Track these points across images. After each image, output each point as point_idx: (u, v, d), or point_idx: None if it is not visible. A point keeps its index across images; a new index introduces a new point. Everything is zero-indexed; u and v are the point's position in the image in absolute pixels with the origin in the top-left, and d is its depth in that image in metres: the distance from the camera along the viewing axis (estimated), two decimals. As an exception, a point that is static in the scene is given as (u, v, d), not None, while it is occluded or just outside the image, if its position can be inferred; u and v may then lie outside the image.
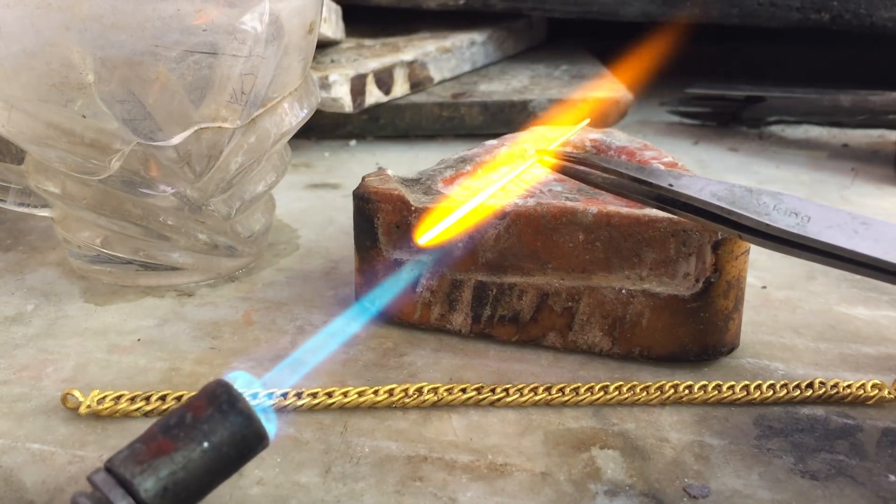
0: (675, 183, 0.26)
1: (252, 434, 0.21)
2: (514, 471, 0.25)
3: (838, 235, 0.25)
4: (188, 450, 0.20)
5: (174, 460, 0.20)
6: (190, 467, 0.20)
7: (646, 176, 0.27)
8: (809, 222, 0.25)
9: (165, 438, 0.20)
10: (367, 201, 0.33)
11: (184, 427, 0.21)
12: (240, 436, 0.21)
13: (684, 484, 0.25)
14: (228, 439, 0.21)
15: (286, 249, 0.42)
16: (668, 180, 0.26)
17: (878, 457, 0.26)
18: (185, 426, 0.21)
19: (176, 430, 0.21)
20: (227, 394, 0.21)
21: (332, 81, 0.58)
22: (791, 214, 0.25)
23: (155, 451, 0.20)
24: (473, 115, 0.64)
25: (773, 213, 0.25)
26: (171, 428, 0.21)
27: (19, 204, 0.37)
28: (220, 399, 0.21)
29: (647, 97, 0.74)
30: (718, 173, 0.57)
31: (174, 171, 0.34)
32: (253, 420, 0.21)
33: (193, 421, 0.21)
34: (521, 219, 0.31)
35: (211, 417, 0.21)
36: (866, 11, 0.66)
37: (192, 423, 0.21)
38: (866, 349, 0.33)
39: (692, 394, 0.29)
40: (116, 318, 0.35)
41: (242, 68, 0.32)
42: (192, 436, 0.20)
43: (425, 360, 0.31)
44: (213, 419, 0.21)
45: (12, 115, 0.32)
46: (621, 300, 0.30)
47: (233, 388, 0.21)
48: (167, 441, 0.20)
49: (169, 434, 0.20)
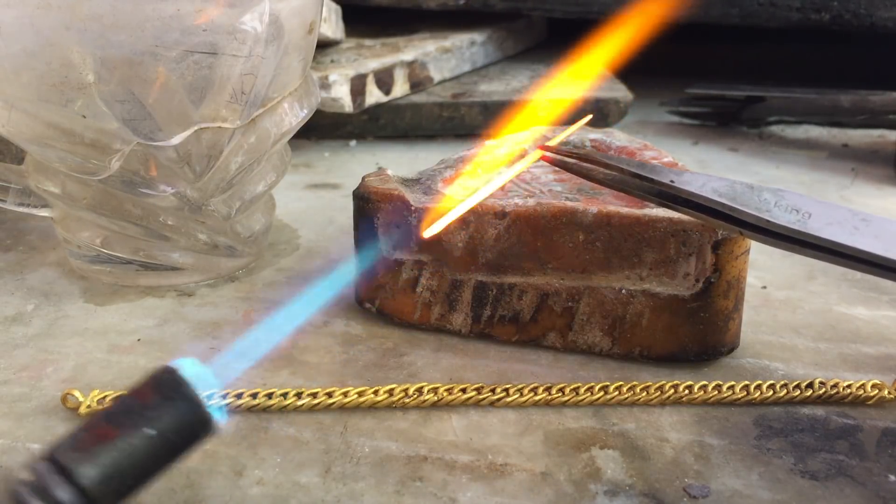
0: (677, 179, 0.26)
1: (198, 421, 0.21)
2: (514, 471, 0.25)
3: (839, 232, 0.25)
4: (131, 436, 0.20)
5: (117, 447, 0.20)
6: (133, 454, 0.20)
7: (647, 172, 0.27)
8: (810, 219, 0.25)
9: (109, 425, 0.20)
10: (367, 201, 0.33)
11: (128, 414, 0.20)
12: (186, 423, 0.20)
13: (684, 484, 0.25)
14: (174, 426, 0.20)
15: (286, 249, 0.42)
16: (669, 177, 0.26)
17: (878, 457, 0.26)
18: (129, 413, 0.20)
19: (120, 417, 0.20)
20: (172, 380, 0.21)
21: (332, 81, 0.58)
22: (792, 211, 0.25)
23: (97, 437, 0.20)
24: (473, 115, 0.64)
25: (774, 209, 0.25)
26: (116, 415, 0.20)
27: (19, 204, 0.37)
28: (165, 386, 0.21)
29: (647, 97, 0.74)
30: (718, 173, 0.56)
31: (174, 171, 0.34)
32: (199, 407, 0.21)
33: (138, 408, 0.20)
34: (521, 219, 0.31)
35: (156, 404, 0.20)
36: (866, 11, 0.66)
37: (136, 410, 0.20)
38: (866, 349, 0.33)
39: (692, 394, 0.29)
40: (116, 318, 0.35)
41: (242, 68, 0.32)
42: (136, 422, 0.20)
43: (425, 360, 0.31)
44: (158, 406, 0.20)
45: (12, 115, 0.32)
46: (621, 300, 0.30)
47: (179, 374, 0.21)
48: (110, 428, 0.20)
49: (113, 421, 0.20)
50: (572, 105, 0.58)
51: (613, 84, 0.68)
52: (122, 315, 0.35)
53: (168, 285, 0.37)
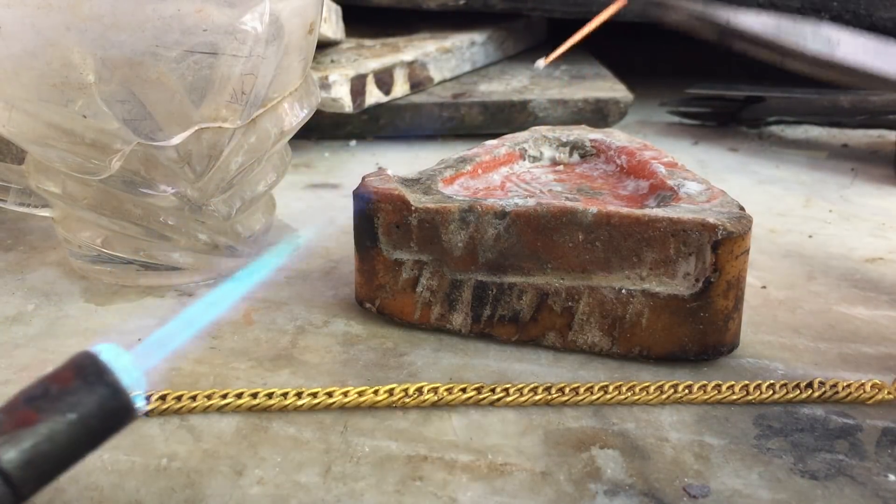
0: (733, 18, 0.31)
1: (120, 407, 0.20)
2: (514, 470, 0.25)
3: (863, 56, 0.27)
4: (53, 421, 0.20)
5: (38, 432, 0.19)
6: (55, 439, 0.20)
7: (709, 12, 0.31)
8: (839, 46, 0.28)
9: (29, 409, 0.20)
10: (367, 201, 0.33)
11: (49, 398, 0.20)
12: (107, 408, 0.20)
13: (684, 483, 0.25)
14: (96, 412, 0.20)
15: (286, 249, 0.42)
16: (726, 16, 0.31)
17: (878, 457, 0.26)
18: (49, 397, 0.20)
19: (40, 402, 0.20)
20: (93, 365, 0.21)
21: (332, 81, 0.58)
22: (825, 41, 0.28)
23: (18, 421, 0.20)
24: (473, 115, 0.64)
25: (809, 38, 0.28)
26: (36, 399, 0.20)
27: (20, 204, 0.37)
28: (86, 371, 0.20)
29: (647, 97, 0.74)
30: (718, 173, 0.57)
31: (174, 171, 0.34)
32: (121, 393, 0.20)
33: (59, 392, 0.20)
34: (521, 219, 0.31)
35: (78, 389, 0.20)
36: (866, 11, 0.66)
37: (57, 395, 0.20)
38: (866, 349, 0.33)
39: (692, 394, 0.29)
40: (117, 318, 0.35)
41: (242, 68, 0.32)
42: (58, 407, 0.20)
43: (425, 360, 0.31)
44: (79, 391, 0.20)
45: (13, 115, 0.32)
46: (621, 300, 0.31)
47: (100, 360, 0.21)
48: (31, 412, 0.20)
49: (33, 405, 0.20)
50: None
51: (613, 84, 0.68)
52: (122, 315, 0.35)
53: (168, 285, 0.38)
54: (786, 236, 0.45)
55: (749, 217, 0.30)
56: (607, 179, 0.37)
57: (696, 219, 0.29)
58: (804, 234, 0.45)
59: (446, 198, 0.32)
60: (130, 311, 0.35)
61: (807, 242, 0.44)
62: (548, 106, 0.64)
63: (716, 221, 0.29)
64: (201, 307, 0.31)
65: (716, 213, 0.30)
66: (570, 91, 0.66)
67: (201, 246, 0.37)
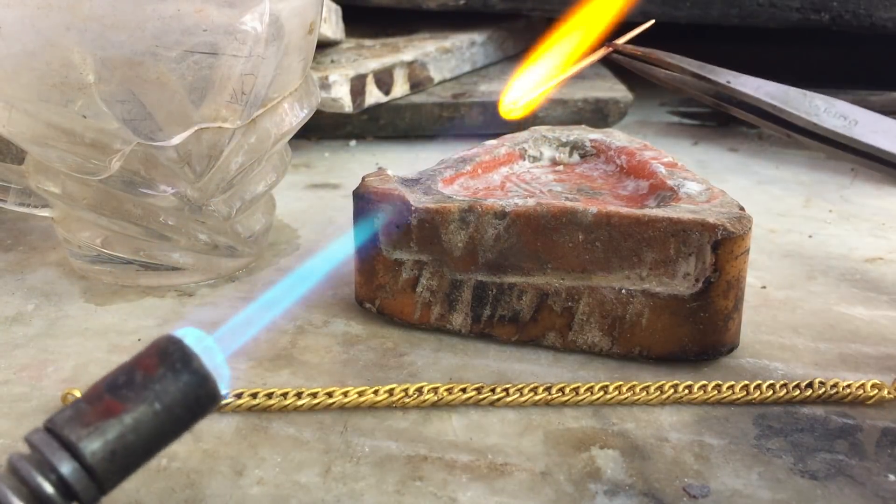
0: (734, 81, 0.28)
1: (206, 394, 0.20)
2: (514, 470, 0.25)
3: (883, 139, 0.26)
4: (138, 412, 0.19)
5: (124, 423, 0.19)
6: (140, 430, 0.19)
7: (706, 73, 0.29)
8: (857, 125, 0.26)
9: (114, 399, 0.19)
10: (367, 201, 0.33)
11: (134, 387, 0.19)
12: (193, 396, 0.19)
13: (684, 484, 0.25)
14: (181, 400, 0.19)
15: (286, 249, 0.42)
16: (726, 77, 0.28)
17: (878, 457, 0.26)
18: (135, 386, 0.19)
19: (125, 391, 0.19)
20: (180, 352, 0.20)
21: (332, 81, 0.58)
22: (840, 117, 0.27)
23: (102, 412, 0.19)
24: (473, 115, 0.64)
25: (822, 114, 0.27)
26: (120, 387, 0.19)
27: (19, 204, 0.37)
28: (172, 357, 0.19)
29: (647, 97, 0.74)
30: (718, 173, 0.57)
31: (174, 172, 0.34)
32: (208, 380, 0.20)
33: (144, 380, 0.19)
34: (521, 219, 0.31)
35: (163, 377, 0.19)
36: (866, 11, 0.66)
37: (142, 383, 0.19)
38: (866, 349, 0.33)
39: (692, 394, 0.29)
40: (117, 318, 0.35)
41: (242, 68, 0.32)
42: (144, 397, 0.19)
43: (425, 360, 0.31)
44: (165, 379, 0.19)
45: (12, 115, 0.32)
46: (621, 300, 0.30)
47: (186, 346, 0.20)
48: (115, 402, 0.19)
49: (117, 394, 0.19)
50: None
51: (613, 84, 0.68)
52: (122, 315, 0.35)
53: (168, 285, 0.38)
54: (786, 236, 0.45)
55: (749, 217, 0.30)
56: (607, 179, 0.37)
57: (696, 219, 0.29)
58: (804, 234, 0.45)
59: (446, 198, 0.32)
60: (130, 311, 0.35)
61: (807, 242, 0.44)
62: (547, 106, 0.64)
63: (716, 221, 0.29)
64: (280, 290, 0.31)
65: (716, 213, 0.30)
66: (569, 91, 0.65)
67: (201, 246, 0.37)
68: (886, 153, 0.26)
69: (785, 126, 0.27)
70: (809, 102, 0.27)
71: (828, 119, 0.27)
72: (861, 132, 0.26)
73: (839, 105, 0.27)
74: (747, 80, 0.28)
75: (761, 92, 0.27)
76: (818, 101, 0.27)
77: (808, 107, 0.27)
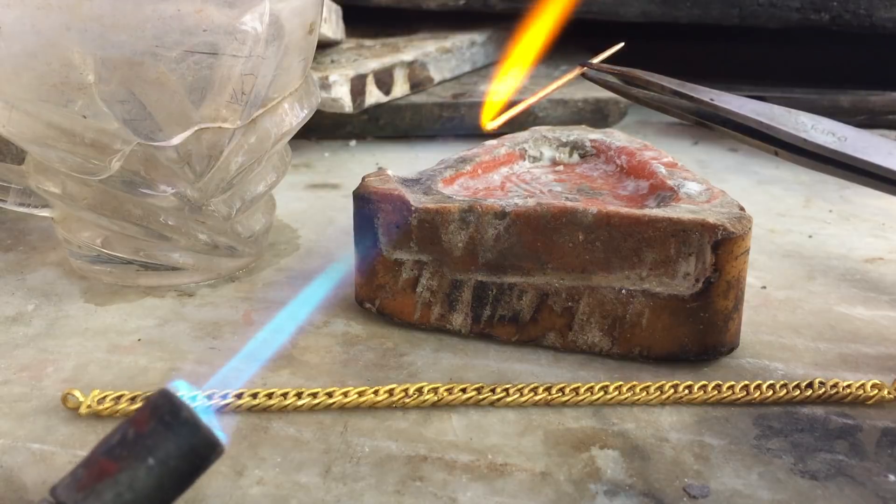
0: (717, 98, 0.27)
1: (201, 444, 0.20)
2: (514, 471, 0.25)
3: (874, 154, 0.25)
4: (132, 469, 0.19)
5: (119, 482, 0.19)
6: (136, 487, 0.19)
7: (687, 90, 0.27)
8: (846, 141, 0.26)
9: (108, 459, 0.19)
10: (367, 201, 0.33)
11: (126, 445, 0.19)
12: (187, 447, 0.20)
13: (684, 484, 0.25)
14: (175, 452, 0.19)
15: (286, 249, 0.42)
16: (709, 95, 0.27)
17: (878, 457, 0.26)
18: (126, 444, 0.19)
19: (118, 450, 0.19)
20: (168, 404, 0.20)
21: (332, 81, 0.58)
22: (828, 133, 0.26)
23: (97, 474, 0.19)
24: (473, 115, 0.64)
25: (811, 131, 0.26)
26: (114, 448, 0.19)
27: (20, 204, 0.37)
28: (161, 410, 0.20)
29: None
30: (718, 173, 0.57)
31: (174, 172, 0.34)
32: (200, 429, 0.20)
33: (136, 437, 0.19)
34: (521, 219, 0.31)
35: (154, 431, 0.19)
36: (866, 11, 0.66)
37: (134, 440, 0.19)
38: (866, 349, 0.33)
39: (692, 394, 0.29)
40: (117, 318, 0.35)
41: (242, 68, 0.32)
42: (136, 453, 0.19)
43: (425, 360, 0.31)
44: (155, 433, 0.19)
45: (12, 115, 0.32)
46: (621, 300, 0.31)
47: (175, 398, 0.20)
48: (109, 462, 0.19)
49: (111, 454, 0.19)
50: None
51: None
52: (122, 315, 0.35)
53: (168, 285, 0.38)
54: (786, 236, 0.45)
55: (749, 217, 0.30)
56: (607, 179, 0.37)
57: (696, 219, 0.29)
58: (804, 234, 0.45)
59: (446, 198, 0.32)
60: (130, 311, 0.35)
61: (807, 242, 0.44)
62: (548, 106, 0.64)
63: (716, 221, 0.29)
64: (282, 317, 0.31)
65: (716, 213, 0.30)
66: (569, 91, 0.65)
67: (201, 246, 0.37)
68: (880, 168, 0.26)
69: (772, 143, 0.27)
70: (795, 119, 0.27)
71: (817, 135, 0.26)
72: (852, 147, 0.26)
73: (825, 122, 0.27)
74: (731, 98, 0.27)
75: (746, 109, 0.27)
76: (804, 118, 0.27)
77: (796, 123, 0.27)
